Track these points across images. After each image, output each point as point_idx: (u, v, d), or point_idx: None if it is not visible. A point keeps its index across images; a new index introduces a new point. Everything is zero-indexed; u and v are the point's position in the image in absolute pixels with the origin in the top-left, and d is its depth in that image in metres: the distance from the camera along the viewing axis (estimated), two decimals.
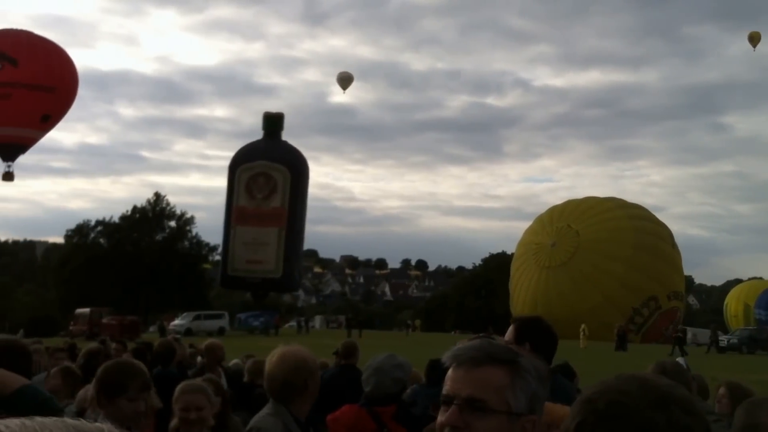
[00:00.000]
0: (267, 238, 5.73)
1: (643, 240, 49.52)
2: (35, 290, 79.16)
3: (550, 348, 3.63)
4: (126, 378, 3.24)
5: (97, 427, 0.72)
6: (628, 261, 48.52)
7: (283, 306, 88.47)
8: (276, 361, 3.50)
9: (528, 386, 1.72)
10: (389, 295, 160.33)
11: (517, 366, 1.73)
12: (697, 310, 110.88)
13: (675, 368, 4.04)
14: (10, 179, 21.36)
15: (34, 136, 21.53)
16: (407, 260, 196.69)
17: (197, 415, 4.07)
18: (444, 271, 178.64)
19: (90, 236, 69.67)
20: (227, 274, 6.08)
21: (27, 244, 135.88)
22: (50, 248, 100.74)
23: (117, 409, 3.18)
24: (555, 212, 54.17)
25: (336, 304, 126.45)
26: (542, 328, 3.73)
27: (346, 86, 48.55)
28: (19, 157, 21.48)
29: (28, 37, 21.15)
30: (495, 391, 1.69)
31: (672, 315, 49.84)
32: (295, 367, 3.46)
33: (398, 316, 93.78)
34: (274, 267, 5.78)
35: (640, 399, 1.17)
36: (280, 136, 6.22)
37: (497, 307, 68.68)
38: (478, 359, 1.72)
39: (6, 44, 20.33)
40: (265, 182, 5.83)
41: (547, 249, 50.58)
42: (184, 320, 50.19)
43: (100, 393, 3.23)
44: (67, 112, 22.26)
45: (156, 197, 70.89)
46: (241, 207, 5.88)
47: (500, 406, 1.68)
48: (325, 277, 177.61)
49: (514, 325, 3.76)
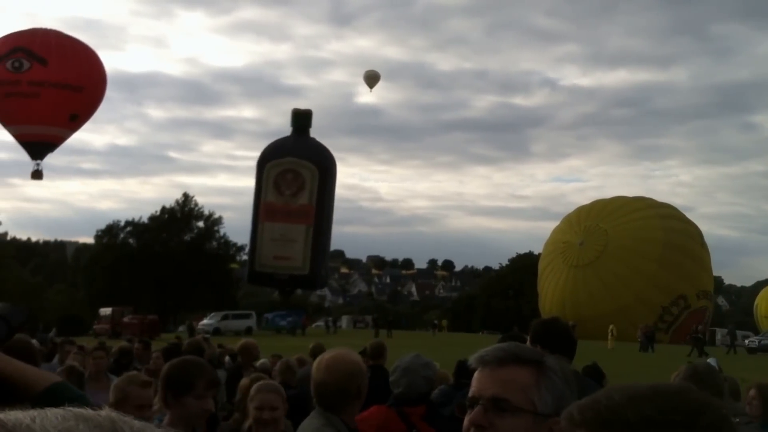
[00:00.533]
0: (295, 234, 5.81)
1: (672, 239, 49.04)
2: (65, 290, 79.98)
3: (567, 350, 3.61)
4: (193, 376, 3.12)
5: (102, 414, 0.72)
6: (657, 260, 48.05)
7: (310, 306, 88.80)
8: (327, 367, 3.26)
9: (554, 387, 1.71)
10: (416, 295, 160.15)
11: (542, 366, 1.72)
12: (727, 311, 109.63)
13: (707, 370, 4.01)
14: (39, 177, 21.46)
15: (62, 135, 21.62)
16: (434, 260, 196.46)
17: (270, 415, 4.07)
18: (470, 272, 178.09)
19: (119, 236, 70.38)
20: (255, 270, 6.09)
21: (58, 245, 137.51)
22: (80, 248, 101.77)
23: (184, 408, 3.08)
24: (583, 212, 53.81)
25: (362, 304, 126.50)
26: (557, 332, 3.74)
27: (372, 85, 48.49)
28: (47, 155, 21.58)
29: (58, 37, 21.25)
30: (520, 391, 1.68)
31: (701, 314, 49.29)
32: (348, 373, 3.25)
33: (425, 316, 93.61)
34: (301, 264, 5.89)
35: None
36: (308, 133, 6.26)
37: (524, 308, 68.38)
38: (503, 359, 1.72)
39: (35, 44, 20.45)
40: (294, 179, 5.89)
41: (575, 248, 50.24)
42: (212, 320, 50.50)
43: (167, 392, 3.13)
44: (95, 112, 22.41)
45: (184, 198, 71.55)
46: (269, 203, 5.93)
47: (525, 405, 1.67)
48: (352, 277, 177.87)
49: (530, 328, 3.74)
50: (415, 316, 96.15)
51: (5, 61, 20.14)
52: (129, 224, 70.53)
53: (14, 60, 20.13)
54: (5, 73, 20.11)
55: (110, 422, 0.71)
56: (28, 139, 21.00)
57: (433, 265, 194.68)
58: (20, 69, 20.11)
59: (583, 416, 1.13)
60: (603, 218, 51.07)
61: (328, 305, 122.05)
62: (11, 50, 20.28)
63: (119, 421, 0.72)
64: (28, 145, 21.13)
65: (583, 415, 1.13)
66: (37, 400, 1.84)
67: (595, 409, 1.13)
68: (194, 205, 71.52)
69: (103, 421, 0.71)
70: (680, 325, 48.39)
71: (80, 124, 21.94)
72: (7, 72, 20.10)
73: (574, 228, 51.87)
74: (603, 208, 53.13)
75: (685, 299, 48.62)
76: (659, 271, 47.92)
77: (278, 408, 4.10)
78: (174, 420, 3.08)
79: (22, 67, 20.12)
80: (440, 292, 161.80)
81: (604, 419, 1.11)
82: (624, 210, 51.96)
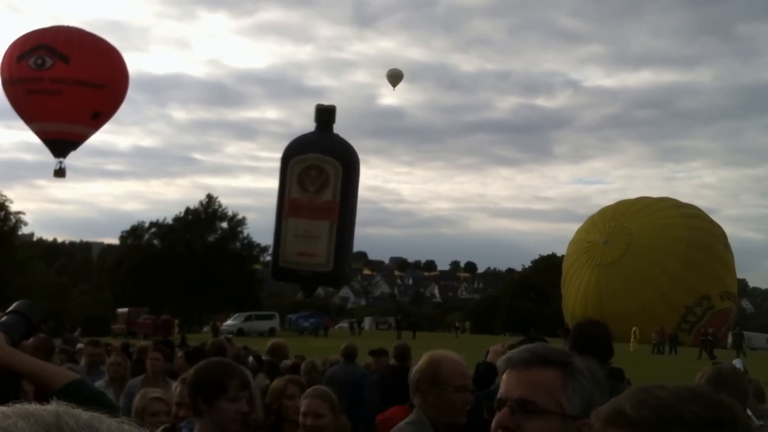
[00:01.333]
0: (319, 230, 5.67)
1: (697, 238, 48.58)
2: (90, 290, 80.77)
3: (600, 353, 3.62)
4: (224, 376, 2.89)
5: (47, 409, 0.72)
6: (682, 259, 47.60)
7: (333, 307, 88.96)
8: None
9: (582, 388, 1.69)
10: (438, 296, 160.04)
11: (570, 368, 1.70)
12: (752, 313, 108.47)
13: (732, 372, 4.01)
14: (62, 176, 21.31)
15: (84, 133, 21.43)
16: (456, 262, 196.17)
17: (314, 423, 3.95)
18: (493, 273, 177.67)
19: (144, 237, 71.02)
20: (279, 266, 5.92)
21: (83, 245, 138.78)
22: (105, 249, 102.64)
23: (217, 413, 2.85)
24: (607, 212, 53.54)
25: (385, 305, 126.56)
26: (592, 335, 3.78)
27: (396, 83, 48.45)
28: (70, 153, 21.45)
29: (80, 34, 21.15)
30: (547, 393, 1.66)
31: (725, 316, 48.83)
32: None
33: (447, 317, 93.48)
34: (325, 260, 5.76)
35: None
36: (332, 129, 6.18)
37: (547, 310, 68.11)
38: (530, 361, 1.70)
39: (58, 41, 20.33)
40: (318, 175, 5.69)
41: (599, 247, 49.93)
42: (236, 320, 50.77)
43: (197, 398, 2.88)
44: (117, 110, 22.23)
45: (208, 199, 71.96)
46: (293, 199, 5.73)
47: (552, 407, 1.65)
48: (375, 278, 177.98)
49: (571, 332, 3.77)
50: (438, 317, 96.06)
51: (28, 58, 20.06)
52: (153, 225, 71.19)
53: (37, 57, 20.01)
54: (28, 70, 20.04)
55: (54, 417, 0.71)
56: (51, 136, 20.88)
57: (456, 267, 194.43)
58: (43, 66, 19.99)
59: (639, 414, 1.09)
60: (627, 218, 50.80)
61: (351, 306, 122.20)
62: (34, 47, 20.18)
63: (65, 414, 0.72)
64: (51, 143, 21.01)
65: (638, 413, 1.09)
66: (56, 397, 1.82)
67: (651, 406, 1.10)
68: (218, 206, 72.04)
69: (47, 416, 0.70)
70: (703, 326, 48.03)
71: (103, 122, 21.81)
72: (30, 69, 20.02)
73: (599, 227, 51.63)
74: (627, 208, 52.83)
75: (709, 299, 48.10)
76: (683, 270, 47.47)
77: (324, 416, 3.95)
78: (207, 427, 2.88)
79: (45, 64, 20.00)
80: (463, 294, 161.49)
81: (660, 416, 1.08)
82: (648, 210, 51.66)
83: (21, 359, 2.01)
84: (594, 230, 51.92)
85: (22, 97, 20.56)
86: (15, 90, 20.54)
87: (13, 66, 20.32)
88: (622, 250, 48.86)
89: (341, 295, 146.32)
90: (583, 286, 50.42)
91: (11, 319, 2.20)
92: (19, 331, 2.18)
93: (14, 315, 2.23)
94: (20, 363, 1.99)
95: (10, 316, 2.22)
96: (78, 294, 77.79)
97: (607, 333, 3.93)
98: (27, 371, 1.99)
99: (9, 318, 2.21)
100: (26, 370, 1.99)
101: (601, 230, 51.08)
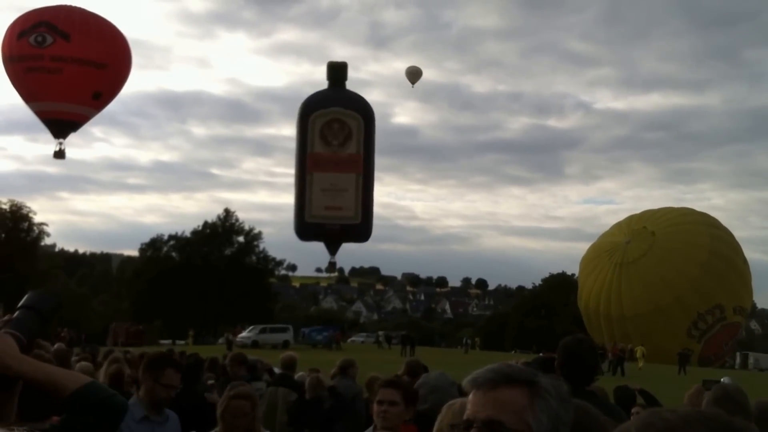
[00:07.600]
0: (345, 183, 5.58)
1: (718, 248, 48.88)
2: (109, 301, 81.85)
3: (580, 373, 3.76)
4: None
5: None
6: (701, 265, 47.79)
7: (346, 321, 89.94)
8: None
9: (549, 407, 1.66)
10: (449, 312, 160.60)
11: (536, 386, 1.67)
12: (759, 334, 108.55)
13: (738, 391, 4.00)
14: (62, 157, 20.61)
15: (86, 114, 20.85)
16: (467, 279, 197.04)
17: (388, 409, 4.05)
18: (504, 291, 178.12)
19: (163, 250, 72.31)
20: (305, 222, 5.63)
21: (103, 257, 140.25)
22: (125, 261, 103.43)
23: None
24: (633, 218, 54.14)
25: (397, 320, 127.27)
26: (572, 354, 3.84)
27: (415, 80, 49.05)
28: (70, 134, 20.74)
29: (82, 13, 20.57)
30: (514, 413, 1.63)
31: (734, 330, 49.15)
32: None
33: (458, 334, 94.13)
34: (353, 213, 5.59)
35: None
36: (344, 86, 5.88)
37: (557, 327, 68.81)
38: (496, 381, 1.67)
39: (59, 19, 19.80)
40: (340, 128, 5.60)
41: (621, 246, 50.47)
42: (250, 333, 51.76)
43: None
44: (119, 91, 21.62)
45: (226, 213, 73.22)
46: (316, 153, 5.58)
47: (520, 427, 1.62)
48: (387, 294, 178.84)
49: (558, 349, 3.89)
50: (448, 333, 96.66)
51: (28, 36, 19.52)
52: (172, 238, 72.49)
53: (37, 35, 19.46)
54: (28, 48, 19.53)
55: None
56: (51, 116, 20.22)
57: (467, 284, 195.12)
58: (43, 44, 19.45)
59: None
60: (652, 222, 51.45)
61: (363, 321, 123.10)
62: (34, 24, 19.63)
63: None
64: (51, 123, 20.34)
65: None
66: (67, 402, 1.91)
67: (657, 428, 1.10)
68: (235, 220, 73.26)
69: None
70: (712, 337, 48.09)
71: (104, 103, 21.22)
72: (30, 46, 19.50)
73: (623, 230, 52.26)
74: (652, 215, 53.48)
75: (722, 310, 48.11)
76: (702, 276, 47.63)
77: (398, 404, 4.04)
78: None
79: (45, 41, 19.46)
80: (473, 311, 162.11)
81: None
82: (672, 215, 52.52)
83: (30, 367, 1.94)
84: (619, 233, 52.55)
85: (21, 75, 20.05)
86: (15, 68, 20.05)
87: (13, 44, 19.85)
88: (644, 251, 49.21)
89: (354, 309, 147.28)
90: (599, 282, 50.92)
91: (23, 315, 2.10)
92: (32, 327, 2.08)
93: (25, 310, 2.12)
94: (29, 370, 1.93)
95: (21, 311, 2.11)
96: (97, 304, 78.90)
97: (592, 349, 3.96)
98: (36, 379, 1.94)
99: (20, 314, 2.11)
100: (35, 378, 1.94)
101: (626, 233, 51.69)
